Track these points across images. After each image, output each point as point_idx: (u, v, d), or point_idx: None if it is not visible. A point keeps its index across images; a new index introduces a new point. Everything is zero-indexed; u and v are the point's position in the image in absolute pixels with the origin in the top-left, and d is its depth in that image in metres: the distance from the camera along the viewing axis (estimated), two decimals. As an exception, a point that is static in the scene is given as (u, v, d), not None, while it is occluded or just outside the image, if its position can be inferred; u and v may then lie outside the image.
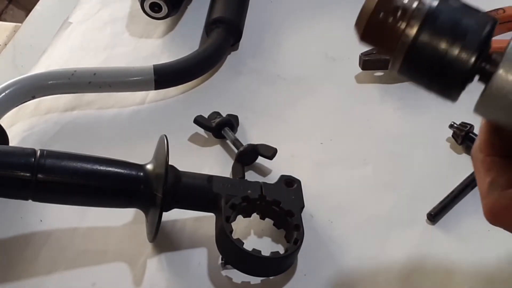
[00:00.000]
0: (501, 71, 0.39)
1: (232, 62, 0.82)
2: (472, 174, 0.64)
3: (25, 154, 0.57)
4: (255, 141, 0.70)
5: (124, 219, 0.64)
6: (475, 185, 0.64)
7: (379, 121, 0.74)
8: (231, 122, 0.72)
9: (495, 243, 0.60)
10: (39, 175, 0.56)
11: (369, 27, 0.42)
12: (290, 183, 0.65)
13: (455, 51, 0.39)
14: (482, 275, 0.60)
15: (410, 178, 0.68)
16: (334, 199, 0.66)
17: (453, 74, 0.40)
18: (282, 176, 0.65)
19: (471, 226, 0.62)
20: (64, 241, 0.63)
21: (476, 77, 0.42)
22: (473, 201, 0.64)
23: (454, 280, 0.60)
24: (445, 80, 0.40)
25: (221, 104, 0.75)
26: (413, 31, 0.40)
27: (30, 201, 0.58)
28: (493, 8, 0.81)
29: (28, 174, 0.56)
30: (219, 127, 0.71)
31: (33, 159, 0.56)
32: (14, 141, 0.70)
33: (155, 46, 0.84)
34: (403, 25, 0.40)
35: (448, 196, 0.64)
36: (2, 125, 0.66)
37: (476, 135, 0.67)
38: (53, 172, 0.57)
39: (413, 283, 0.60)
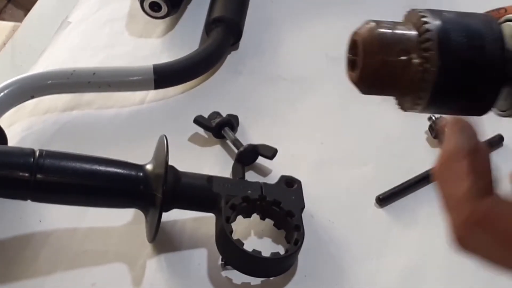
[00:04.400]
0: None
1: (232, 62, 0.81)
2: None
3: (24, 154, 0.57)
4: (255, 141, 0.70)
5: (124, 219, 0.64)
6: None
7: (379, 121, 0.74)
8: (231, 122, 0.71)
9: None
10: (38, 175, 0.56)
11: (373, 76, 0.35)
12: (290, 184, 0.64)
13: (482, 65, 0.35)
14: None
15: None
16: (334, 199, 0.66)
17: (487, 87, 0.36)
18: (283, 177, 0.65)
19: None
20: (64, 241, 0.63)
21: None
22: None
23: (454, 280, 0.60)
24: (479, 99, 0.36)
25: (221, 104, 0.74)
26: (433, 61, 0.34)
27: (29, 201, 0.58)
28: (494, 8, 0.81)
29: (27, 174, 0.56)
30: (219, 127, 0.71)
31: (32, 159, 0.56)
32: (13, 141, 0.70)
33: (155, 46, 0.84)
34: (416, 60, 0.35)
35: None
36: (1, 125, 0.66)
37: None
38: (52, 172, 0.57)
39: (413, 283, 0.60)
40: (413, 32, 0.36)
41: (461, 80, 0.35)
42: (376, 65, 0.35)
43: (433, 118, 0.70)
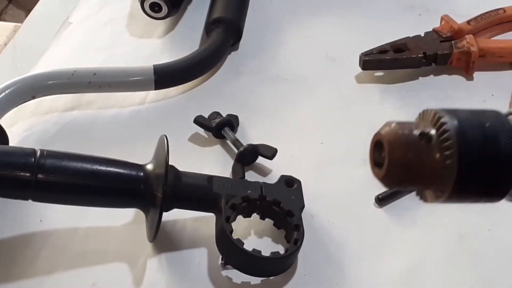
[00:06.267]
0: None
1: (232, 62, 0.81)
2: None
3: (25, 154, 0.57)
4: (255, 141, 0.70)
5: (124, 219, 0.64)
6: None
7: (379, 121, 0.73)
8: (231, 122, 0.72)
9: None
10: (39, 175, 0.56)
11: (398, 172, 0.38)
12: (290, 183, 0.65)
13: (498, 158, 0.38)
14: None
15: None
16: (334, 199, 0.66)
17: (504, 180, 0.39)
18: (282, 176, 0.65)
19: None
20: (64, 241, 0.63)
21: None
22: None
23: (454, 280, 0.60)
24: (497, 189, 0.39)
25: (221, 104, 0.75)
26: (454, 157, 0.37)
27: (30, 201, 0.58)
28: (494, 8, 0.81)
29: (28, 174, 0.56)
30: (219, 127, 0.71)
31: (33, 159, 0.56)
32: (14, 141, 0.70)
33: (155, 46, 0.84)
34: (437, 155, 0.38)
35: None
36: (2, 125, 0.66)
37: None
38: (53, 172, 0.57)
39: (413, 283, 0.60)
40: (433, 131, 0.39)
41: (480, 174, 0.38)
42: (401, 163, 0.38)
43: None
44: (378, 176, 0.39)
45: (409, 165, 0.38)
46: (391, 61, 0.76)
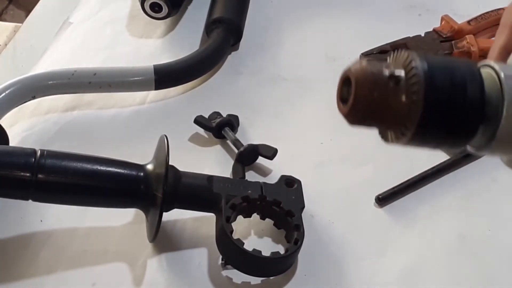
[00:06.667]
0: (505, 114, 0.39)
1: (232, 62, 0.82)
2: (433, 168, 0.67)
3: (25, 154, 0.57)
4: (255, 141, 0.70)
5: (124, 219, 0.64)
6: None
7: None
8: (231, 122, 0.72)
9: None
10: (39, 175, 0.56)
11: (363, 110, 0.39)
12: (290, 183, 0.65)
13: (463, 105, 0.38)
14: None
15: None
16: (334, 199, 0.66)
17: (467, 127, 0.39)
18: (283, 176, 0.65)
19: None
20: (64, 241, 0.63)
21: None
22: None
23: (454, 280, 0.60)
24: (459, 135, 0.40)
25: (221, 104, 0.75)
26: (419, 99, 0.38)
27: (30, 201, 0.58)
28: (494, 8, 0.81)
29: (28, 174, 0.56)
30: (219, 127, 0.71)
31: (33, 159, 0.56)
32: (14, 141, 0.70)
33: (155, 46, 0.84)
34: (403, 97, 0.38)
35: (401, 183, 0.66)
36: (2, 125, 0.66)
37: None
38: (53, 172, 0.57)
39: (413, 283, 0.60)
40: (402, 74, 0.39)
41: (444, 117, 0.38)
42: (366, 100, 0.38)
43: None
44: (343, 112, 0.40)
45: (374, 104, 0.38)
46: (391, 61, 0.76)
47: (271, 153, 0.68)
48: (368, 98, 0.38)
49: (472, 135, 0.40)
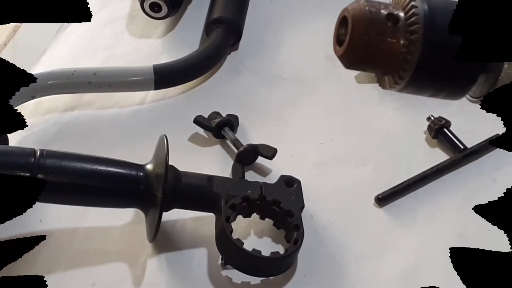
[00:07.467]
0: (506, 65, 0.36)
1: (232, 62, 0.82)
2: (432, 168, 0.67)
3: (25, 154, 0.57)
4: (255, 141, 0.70)
5: (124, 219, 0.64)
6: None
7: (379, 121, 0.74)
8: (231, 122, 0.72)
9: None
10: (39, 175, 0.56)
11: (359, 50, 0.37)
12: (290, 183, 0.65)
13: (464, 48, 0.35)
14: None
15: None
16: (334, 199, 0.66)
17: (468, 70, 0.37)
18: (282, 176, 0.65)
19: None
20: (64, 241, 0.63)
21: None
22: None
23: (454, 279, 0.60)
24: (459, 80, 0.37)
25: (221, 104, 0.75)
26: (418, 40, 0.36)
27: (30, 201, 0.58)
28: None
29: (28, 174, 0.56)
30: (219, 127, 0.71)
31: (33, 159, 0.56)
32: (14, 141, 0.70)
33: (155, 46, 0.84)
34: (401, 38, 0.36)
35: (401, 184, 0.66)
36: (2, 125, 0.66)
37: (452, 132, 0.68)
38: (53, 172, 0.57)
39: (413, 283, 0.60)
40: (401, 14, 0.37)
41: (442, 64, 0.36)
42: (363, 41, 0.36)
43: (432, 118, 0.70)
44: (338, 53, 0.38)
45: (371, 45, 0.36)
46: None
47: (270, 153, 0.68)
48: (365, 38, 0.36)
49: (472, 82, 0.37)
